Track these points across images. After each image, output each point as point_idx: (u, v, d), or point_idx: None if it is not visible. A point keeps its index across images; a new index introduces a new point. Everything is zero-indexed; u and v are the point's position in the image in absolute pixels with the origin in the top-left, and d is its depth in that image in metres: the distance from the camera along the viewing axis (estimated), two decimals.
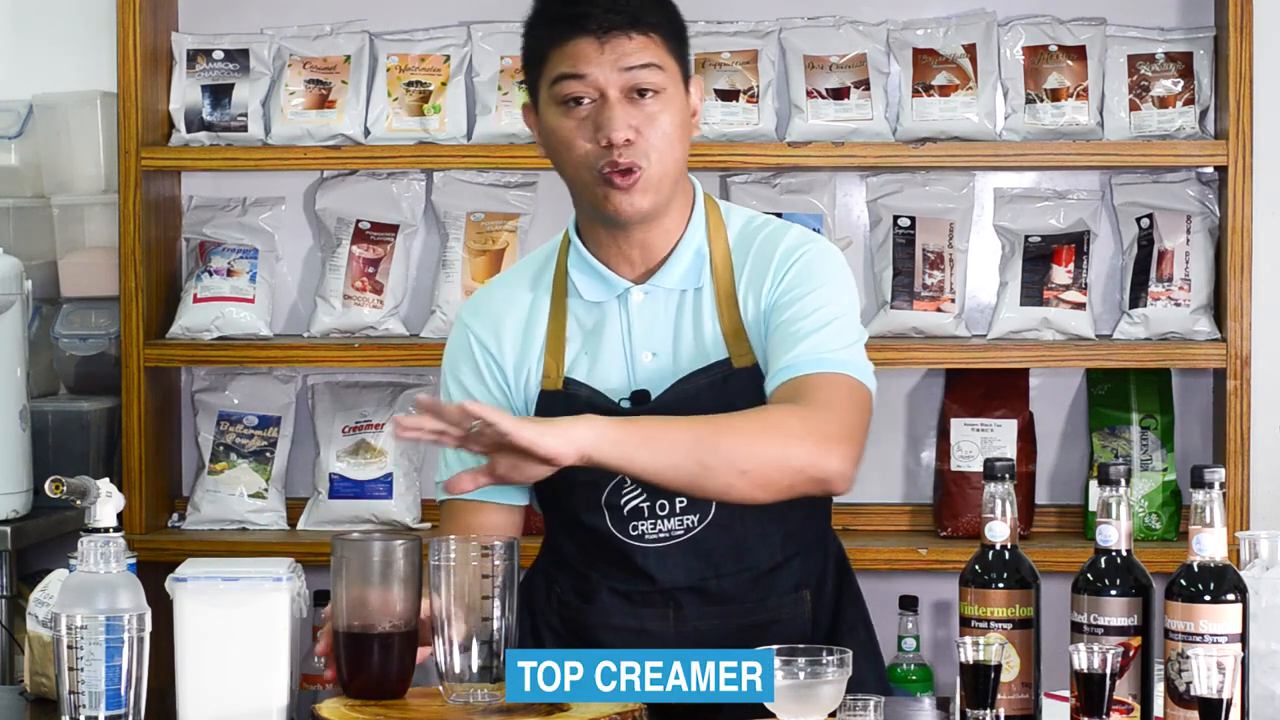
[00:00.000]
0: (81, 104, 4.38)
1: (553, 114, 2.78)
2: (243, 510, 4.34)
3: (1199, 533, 2.41)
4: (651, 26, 2.77)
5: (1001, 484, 2.47)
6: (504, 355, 2.87)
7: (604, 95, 2.75)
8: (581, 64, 2.75)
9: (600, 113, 2.75)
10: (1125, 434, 4.24)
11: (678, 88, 2.79)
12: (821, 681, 2.37)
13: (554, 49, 2.78)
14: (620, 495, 2.80)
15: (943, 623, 4.29)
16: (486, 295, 2.96)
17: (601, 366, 2.82)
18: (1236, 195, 4.06)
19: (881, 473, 4.36)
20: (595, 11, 2.75)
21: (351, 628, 2.54)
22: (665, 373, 2.80)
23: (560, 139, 2.78)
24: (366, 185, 4.39)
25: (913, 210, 4.28)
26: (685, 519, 2.79)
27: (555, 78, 2.77)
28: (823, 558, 2.91)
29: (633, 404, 2.79)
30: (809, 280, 2.79)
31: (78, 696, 2.39)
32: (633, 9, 2.76)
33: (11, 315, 4.03)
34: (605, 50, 2.74)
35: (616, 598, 2.84)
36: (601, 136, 2.74)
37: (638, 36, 2.75)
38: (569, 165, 2.79)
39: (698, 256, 2.83)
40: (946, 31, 4.23)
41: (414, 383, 4.39)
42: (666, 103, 2.76)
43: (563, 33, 2.77)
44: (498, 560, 2.50)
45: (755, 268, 2.82)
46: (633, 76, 2.74)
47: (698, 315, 2.81)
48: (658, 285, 2.83)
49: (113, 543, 2.43)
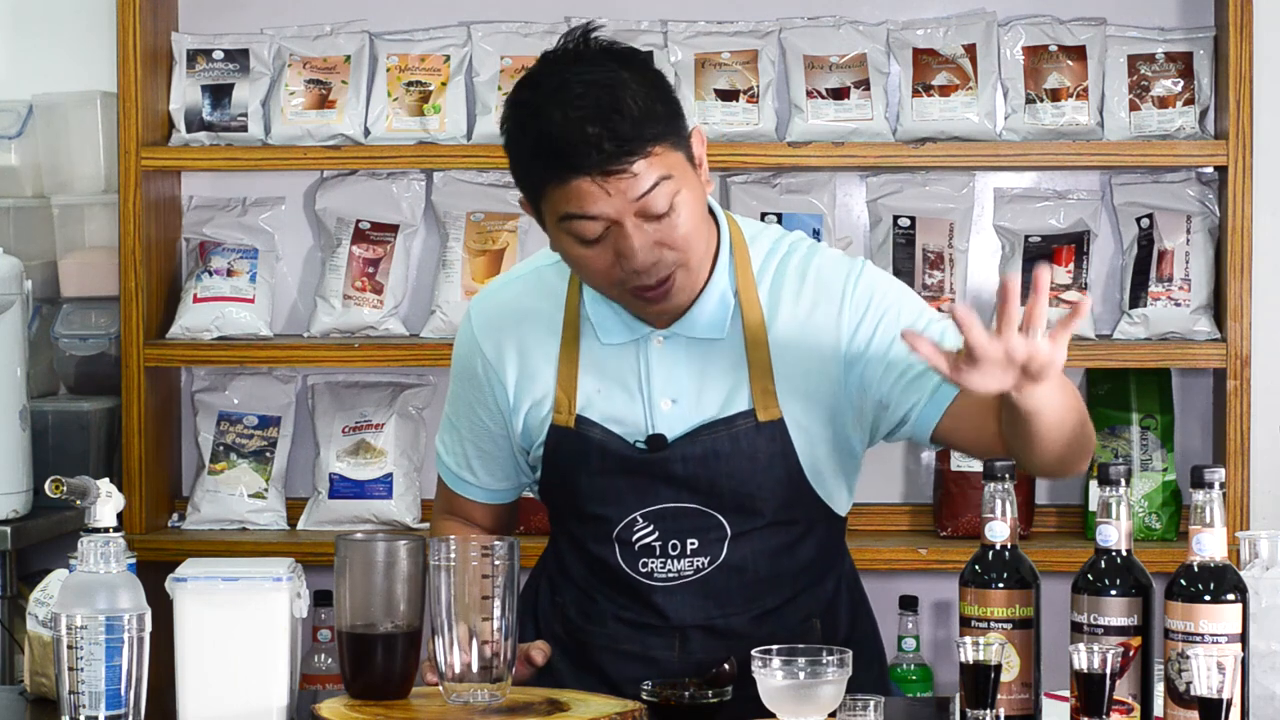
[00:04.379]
0: (81, 104, 4.38)
1: (565, 241, 2.63)
2: (243, 510, 4.33)
3: (1199, 533, 2.41)
4: (652, 140, 2.57)
5: (1001, 484, 2.47)
6: (505, 372, 2.81)
7: (619, 224, 2.58)
8: (589, 205, 2.56)
9: (619, 241, 2.58)
10: (1125, 434, 4.24)
11: (686, 173, 2.62)
12: (821, 681, 2.38)
13: (553, 187, 2.59)
14: (632, 531, 2.76)
15: (943, 623, 4.29)
16: (497, 302, 2.86)
17: (616, 408, 2.74)
18: (1236, 195, 4.06)
19: (881, 473, 4.36)
20: (591, 152, 2.53)
21: (354, 628, 2.54)
22: (685, 420, 2.72)
23: (578, 264, 2.65)
24: (366, 185, 4.39)
25: (913, 210, 4.28)
26: (696, 560, 2.75)
27: (562, 216, 2.60)
28: (835, 580, 2.87)
29: (649, 449, 2.74)
30: (888, 307, 2.72)
31: (78, 696, 2.39)
32: (629, 134, 2.54)
33: (11, 315, 4.03)
34: (611, 191, 2.56)
35: (622, 625, 2.80)
36: (625, 264, 2.59)
37: (642, 160, 2.56)
38: (594, 285, 2.68)
39: (722, 303, 2.72)
40: (946, 31, 4.23)
41: (414, 383, 4.39)
42: (682, 202, 2.59)
43: (559, 173, 2.57)
44: (498, 560, 2.50)
45: (804, 303, 2.72)
46: (646, 202, 2.57)
47: (722, 362, 2.73)
48: (679, 334, 2.73)
49: (113, 543, 2.43)
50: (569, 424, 2.76)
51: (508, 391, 2.81)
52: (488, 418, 2.85)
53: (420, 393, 4.37)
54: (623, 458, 2.74)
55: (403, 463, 4.34)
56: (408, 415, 4.37)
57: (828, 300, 2.73)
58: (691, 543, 2.74)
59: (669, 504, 2.74)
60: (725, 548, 2.74)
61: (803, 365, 2.72)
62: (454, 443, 2.91)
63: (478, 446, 2.89)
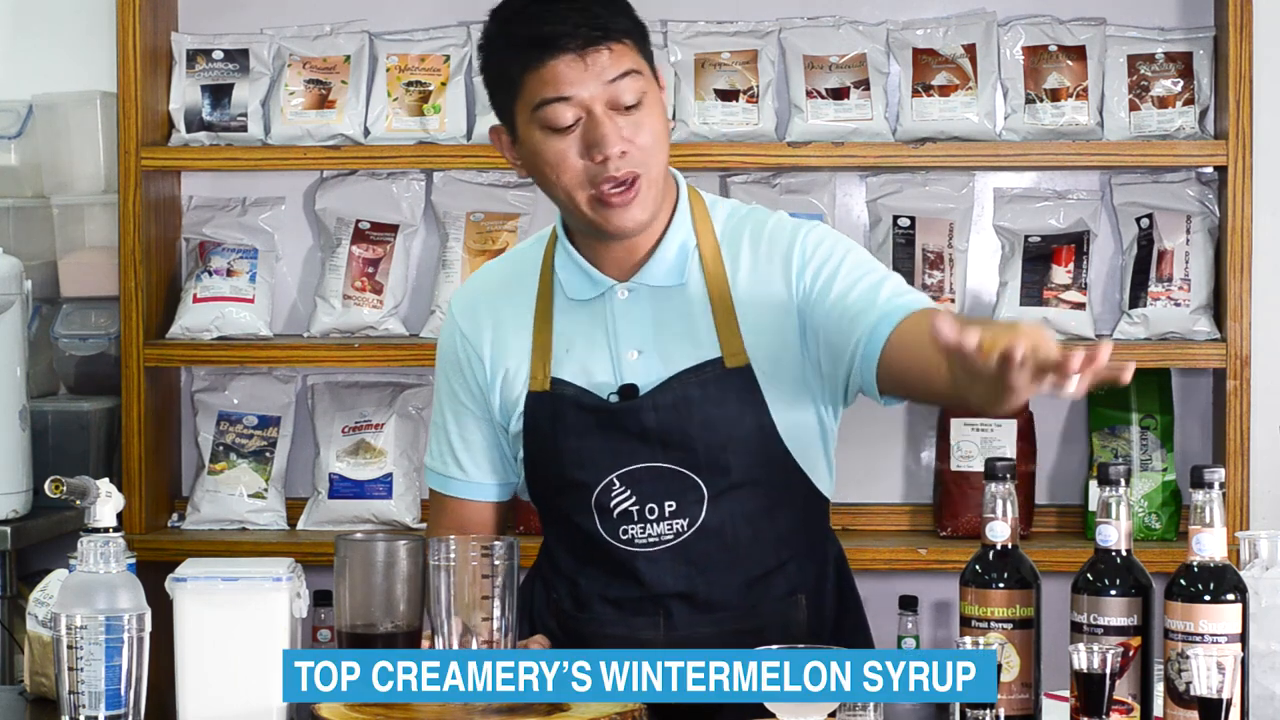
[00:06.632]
0: (81, 104, 4.38)
1: (537, 138, 2.73)
2: (242, 510, 4.34)
3: (1199, 533, 2.41)
4: (623, 33, 2.71)
5: (1002, 484, 2.47)
6: (482, 347, 2.87)
7: (590, 112, 2.69)
8: (564, 86, 2.68)
9: (590, 130, 2.69)
10: (1125, 434, 4.24)
11: (654, 87, 2.75)
12: None
13: (529, 72, 2.70)
14: (610, 497, 2.79)
15: (943, 623, 4.29)
16: (474, 285, 2.96)
17: (587, 364, 2.80)
18: (1236, 195, 4.06)
19: (881, 473, 4.36)
20: (568, 29, 2.68)
21: (354, 628, 2.54)
22: (652, 370, 2.78)
23: (549, 162, 2.73)
24: (366, 185, 4.39)
25: (913, 210, 4.28)
26: (674, 523, 2.78)
27: (537, 103, 2.70)
28: (821, 560, 2.89)
29: (620, 399, 2.78)
30: (832, 255, 2.77)
31: (77, 696, 2.39)
32: (603, 20, 2.69)
33: (11, 315, 4.03)
34: (586, 67, 2.68)
35: (608, 606, 2.83)
36: (596, 153, 2.69)
37: (614, 46, 2.70)
38: (561, 187, 2.75)
39: (681, 252, 2.80)
40: (946, 31, 4.23)
41: (414, 383, 4.39)
42: (650, 106, 2.72)
43: (538, 55, 2.69)
44: (497, 560, 2.51)
45: (760, 259, 2.80)
46: (616, 88, 2.69)
47: (686, 311, 2.79)
48: (641, 283, 2.80)
49: (112, 543, 2.43)
50: (544, 388, 2.81)
51: (484, 364, 2.86)
52: (469, 400, 2.89)
53: (420, 393, 4.37)
54: (597, 412, 2.77)
55: (402, 463, 4.34)
56: (408, 415, 4.37)
57: (781, 255, 2.80)
58: (669, 505, 2.77)
59: (644, 463, 2.77)
60: (704, 510, 2.77)
61: (763, 320, 2.77)
62: (439, 443, 2.94)
63: (463, 437, 2.91)
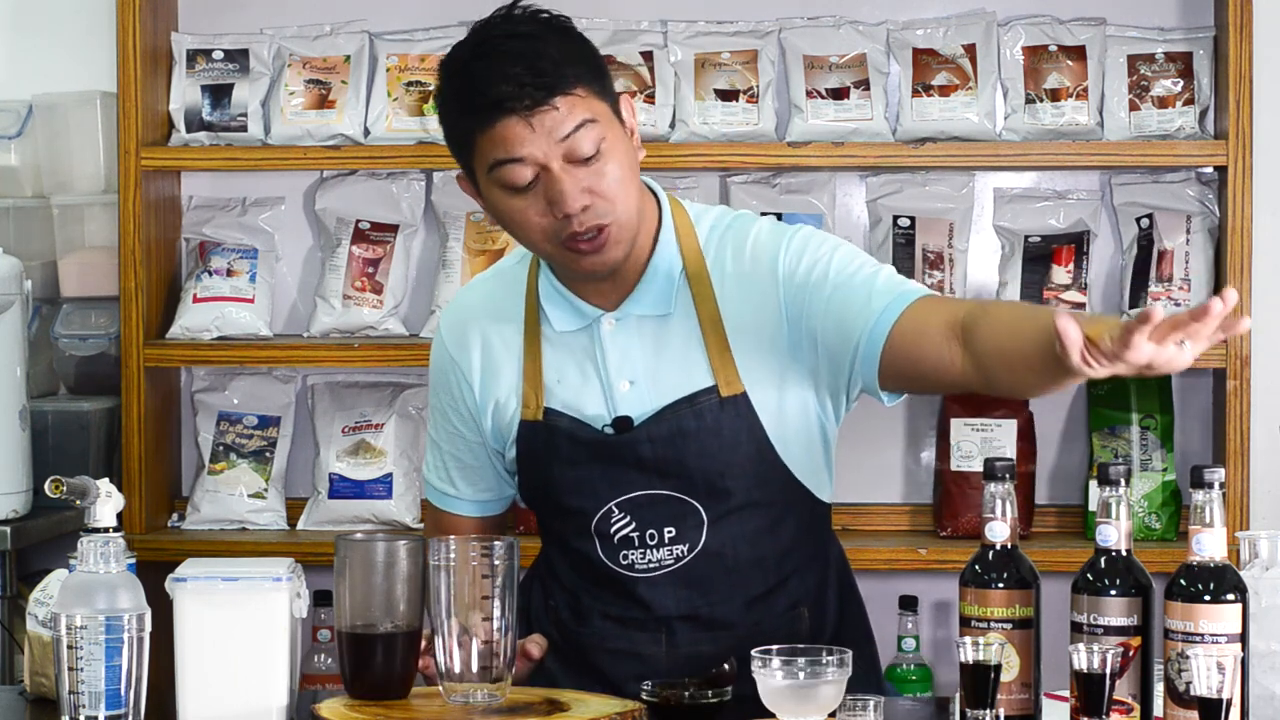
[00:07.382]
0: (81, 104, 4.38)
1: (497, 195, 2.66)
2: (242, 510, 4.33)
3: (1199, 533, 2.41)
4: (574, 81, 2.61)
5: (1001, 484, 2.47)
6: (471, 373, 2.84)
7: (547, 169, 2.61)
8: (516, 147, 2.61)
9: (549, 188, 2.61)
10: (1125, 434, 4.24)
11: (613, 125, 2.66)
12: (821, 681, 2.37)
13: (480, 135, 2.62)
14: (609, 524, 2.77)
15: (943, 623, 4.29)
16: (461, 305, 2.90)
17: (580, 395, 2.76)
18: (1236, 195, 4.06)
19: (881, 473, 4.36)
20: (513, 89, 2.59)
21: (354, 628, 2.54)
22: (645, 400, 2.74)
23: (512, 220, 2.67)
24: (366, 185, 4.39)
25: (912, 210, 4.28)
26: (675, 549, 2.76)
27: (492, 164, 2.63)
28: (822, 566, 2.87)
29: (615, 431, 2.75)
30: (820, 257, 2.71)
31: (77, 696, 2.39)
32: (549, 75, 2.59)
33: (11, 315, 4.03)
34: (535, 127, 2.60)
35: (609, 622, 2.82)
36: (556, 210, 2.62)
37: (565, 100, 2.60)
38: (528, 242, 2.70)
39: (668, 280, 2.74)
40: (946, 31, 4.23)
41: (414, 383, 4.39)
42: (610, 150, 2.63)
43: (487, 117, 2.61)
44: (497, 560, 2.51)
45: (746, 272, 2.74)
46: (572, 143, 2.61)
47: (677, 340, 2.74)
48: (629, 312, 2.76)
49: (112, 543, 2.43)
50: (537, 417, 2.78)
51: (474, 391, 2.84)
52: (461, 424, 2.88)
53: (420, 393, 4.37)
54: (592, 444, 2.75)
55: (402, 463, 4.34)
56: (407, 415, 4.37)
57: (767, 265, 2.74)
58: (669, 531, 2.75)
59: (642, 491, 2.75)
60: (704, 534, 2.75)
61: (755, 341, 2.73)
62: (435, 459, 2.94)
63: (457, 459, 2.91)
